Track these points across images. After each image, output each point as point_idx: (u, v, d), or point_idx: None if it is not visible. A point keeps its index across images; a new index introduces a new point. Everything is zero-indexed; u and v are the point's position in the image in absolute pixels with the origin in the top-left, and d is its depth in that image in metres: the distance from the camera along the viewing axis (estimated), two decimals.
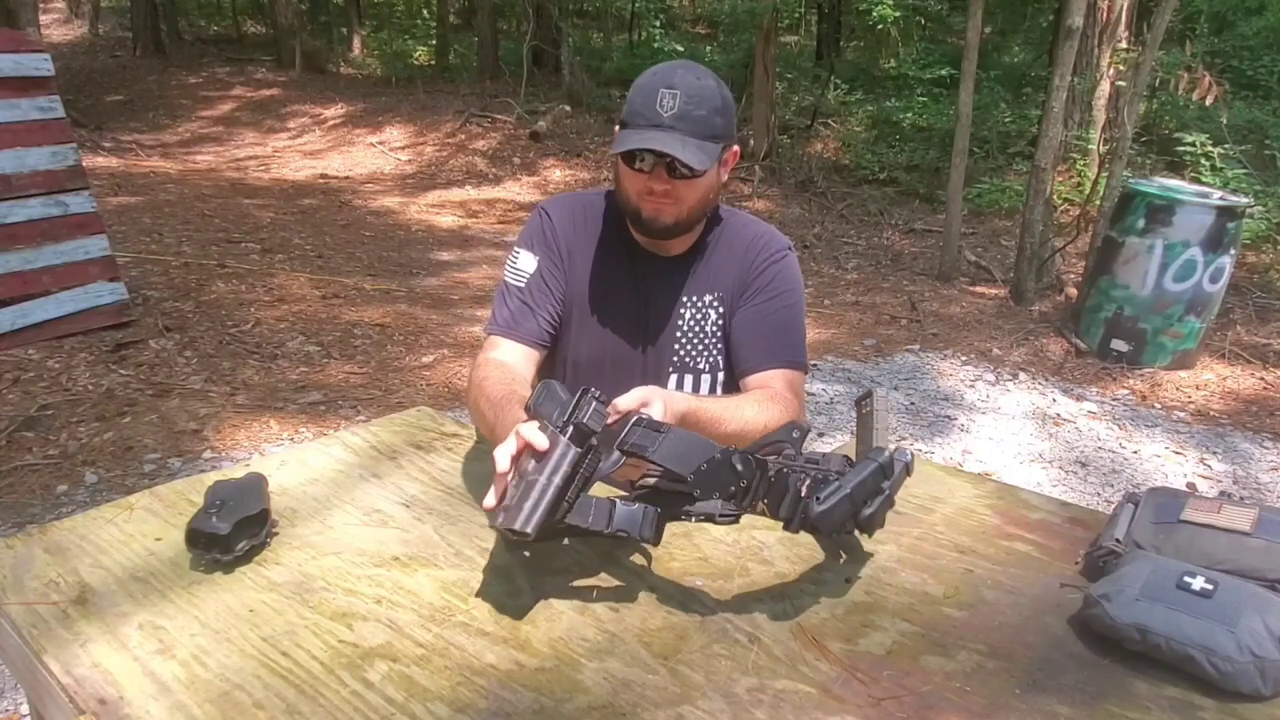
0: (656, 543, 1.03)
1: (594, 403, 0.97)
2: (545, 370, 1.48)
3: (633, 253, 1.42)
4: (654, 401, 1.07)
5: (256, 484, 1.18)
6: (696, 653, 0.96)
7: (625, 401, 1.05)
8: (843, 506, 0.93)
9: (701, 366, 1.44)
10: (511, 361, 1.37)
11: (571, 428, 0.97)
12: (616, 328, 1.43)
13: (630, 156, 1.28)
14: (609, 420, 1.01)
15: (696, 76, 1.26)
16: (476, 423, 1.35)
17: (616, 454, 1.00)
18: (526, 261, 1.41)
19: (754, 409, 1.26)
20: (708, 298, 1.43)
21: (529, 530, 0.92)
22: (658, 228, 1.32)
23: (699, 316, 1.43)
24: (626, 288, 1.43)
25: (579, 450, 0.96)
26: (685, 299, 1.42)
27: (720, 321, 1.43)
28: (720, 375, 1.46)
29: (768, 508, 0.96)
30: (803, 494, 0.94)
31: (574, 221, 1.44)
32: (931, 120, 9.40)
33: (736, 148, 1.36)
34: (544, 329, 1.40)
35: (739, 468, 0.94)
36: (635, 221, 1.35)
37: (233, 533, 1.08)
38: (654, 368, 1.44)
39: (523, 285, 1.40)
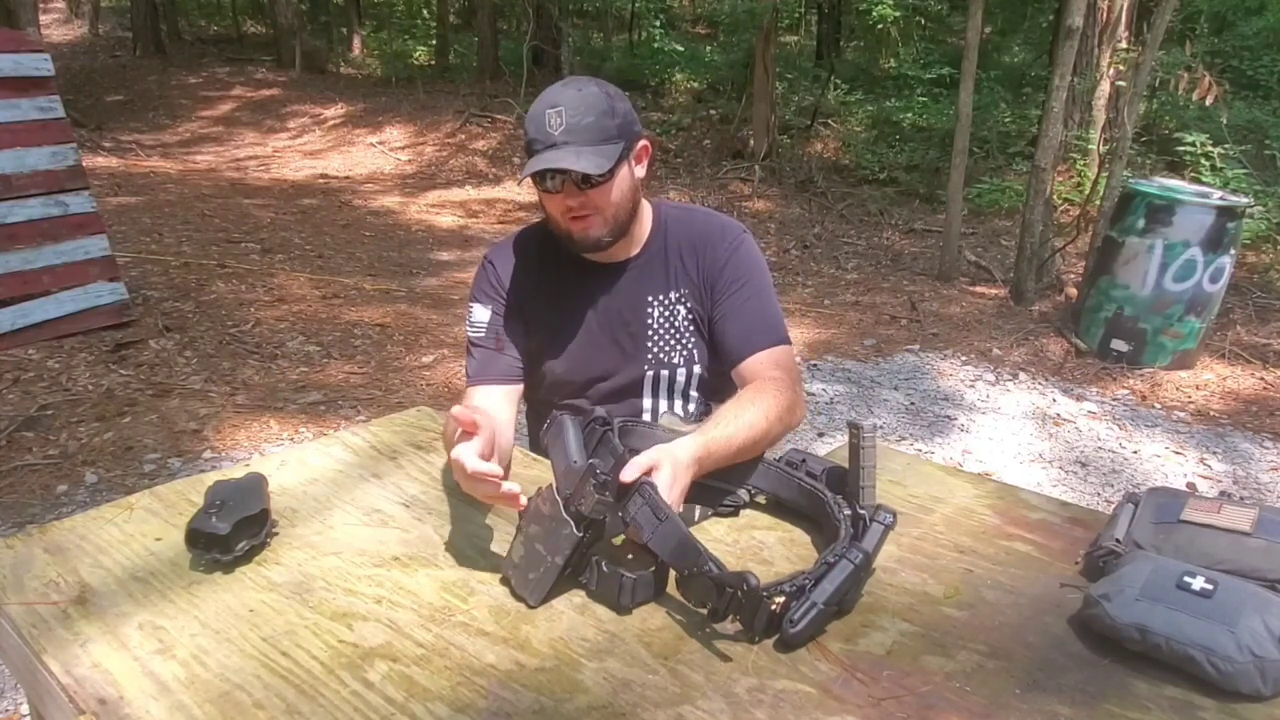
0: (652, 597, 1.06)
1: (594, 494, 1.01)
2: (535, 398, 1.54)
3: (585, 268, 1.45)
4: (662, 465, 1.10)
5: (256, 484, 1.18)
6: (696, 653, 0.96)
7: (630, 473, 1.07)
8: (816, 621, 0.96)
9: (676, 361, 1.47)
10: (484, 406, 1.42)
11: (575, 510, 1.02)
12: (589, 341, 1.47)
13: (540, 179, 1.30)
14: (624, 478, 1.06)
15: (578, 89, 1.30)
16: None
17: (620, 519, 1.04)
18: (480, 314, 1.47)
19: (751, 410, 1.27)
20: (673, 295, 1.46)
21: (532, 604, 1.04)
22: (590, 244, 1.36)
23: (668, 314, 1.46)
24: (588, 302, 1.46)
25: (580, 535, 1.02)
26: (651, 299, 1.46)
27: (690, 316, 1.47)
28: (696, 367, 1.48)
29: (740, 622, 0.98)
30: (774, 610, 0.96)
31: (517, 260, 1.48)
32: (931, 120, 9.40)
33: (645, 142, 1.38)
34: (512, 364, 1.46)
35: (715, 587, 0.97)
36: (570, 244, 1.38)
37: (232, 533, 1.08)
38: (632, 369, 1.48)
39: (482, 335, 1.46)
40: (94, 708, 0.86)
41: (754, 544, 1.19)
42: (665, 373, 1.47)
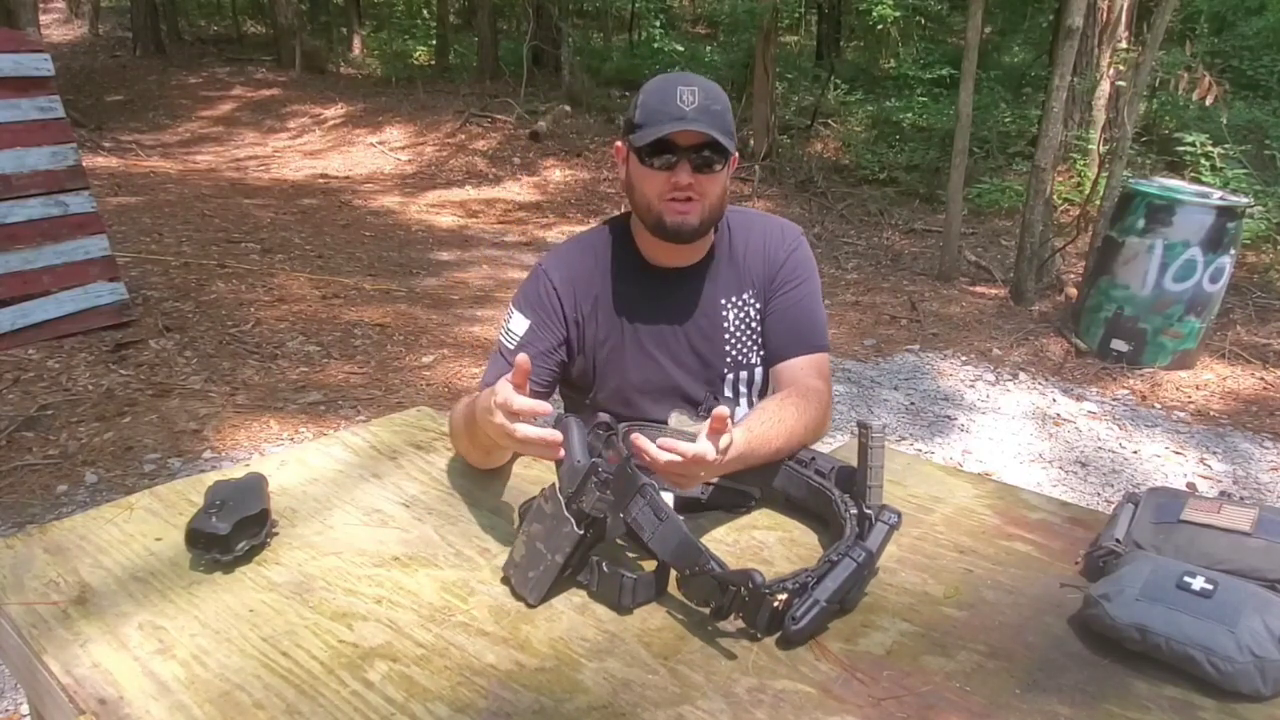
0: (654, 596, 1.05)
1: (595, 491, 1.01)
2: (603, 408, 1.46)
3: (653, 272, 1.42)
4: (707, 452, 1.05)
5: (256, 484, 1.18)
6: (696, 653, 0.96)
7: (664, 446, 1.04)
8: (818, 619, 0.97)
9: (754, 361, 1.46)
10: None
11: (576, 508, 1.02)
12: (664, 347, 1.43)
13: (653, 154, 1.28)
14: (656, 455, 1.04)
15: (705, 80, 1.30)
16: (459, 447, 1.36)
17: (621, 519, 1.04)
18: (518, 324, 1.41)
19: (793, 413, 1.26)
20: (746, 295, 1.44)
21: (532, 602, 1.04)
22: (686, 231, 1.31)
23: (742, 315, 1.44)
24: (660, 307, 1.43)
25: (580, 533, 1.02)
26: (724, 300, 1.43)
27: (759, 316, 1.46)
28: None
29: (744, 620, 0.98)
30: (777, 607, 0.96)
31: (578, 271, 1.42)
32: (931, 120, 9.40)
33: (736, 153, 1.38)
34: (533, 384, 1.40)
35: (718, 585, 0.97)
36: (658, 229, 1.33)
37: (232, 533, 1.08)
38: (709, 373, 1.45)
39: (512, 347, 1.39)
40: (94, 708, 0.86)
41: (754, 544, 1.19)
42: (744, 373, 1.46)
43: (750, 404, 1.49)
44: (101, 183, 6.69)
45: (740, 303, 1.45)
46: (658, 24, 13.72)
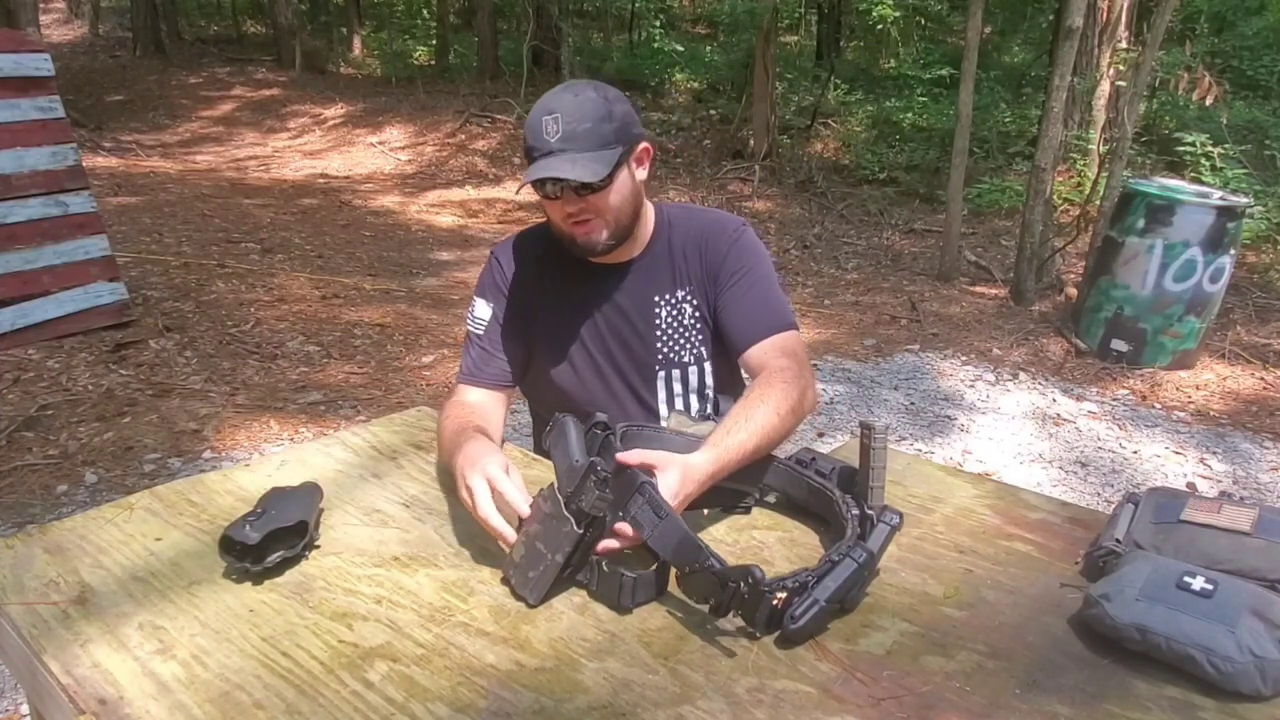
0: (656, 596, 1.06)
1: (595, 490, 1.01)
2: (542, 402, 1.55)
3: (589, 269, 1.45)
4: (669, 469, 1.09)
5: (307, 495, 1.17)
6: (696, 653, 0.96)
7: (632, 457, 1.08)
8: (818, 618, 0.97)
9: (687, 360, 1.47)
10: (476, 403, 1.42)
11: (575, 507, 1.02)
12: (597, 343, 1.47)
13: (539, 186, 1.30)
14: (623, 458, 1.08)
15: (575, 94, 1.29)
16: (440, 458, 1.38)
17: (621, 518, 1.04)
18: (482, 310, 1.48)
19: (762, 410, 1.22)
20: (680, 293, 1.46)
21: (532, 603, 1.03)
22: (592, 248, 1.36)
23: (675, 312, 1.46)
24: (594, 304, 1.47)
25: (580, 532, 1.02)
26: (658, 298, 1.46)
27: (697, 314, 1.47)
28: (707, 365, 1.49)
29: (743, 618, 0.98)
30: (776, 606, 0.96)
31: (524, 259, 1.49)
32: (931, 120, 9.40)
33: (646, 144, 1.38)
34: (506, 370, 1.47)
35: (718, 581, 0.97)
36: (572, 248, 1.38)
37: (264, 543, 1.05)
38: (642, 369, 1.47)
39: (481, 333, 1.47)
40: (94, 708, 0.86)
41: (754, 544, 1.19)
42: (676, 371, 1.48)
43: (687, 404, 1.50)
44: (101, 183, 6.69)
45: (674, 300, 1.46)
46: (658, 24, 13.72)
